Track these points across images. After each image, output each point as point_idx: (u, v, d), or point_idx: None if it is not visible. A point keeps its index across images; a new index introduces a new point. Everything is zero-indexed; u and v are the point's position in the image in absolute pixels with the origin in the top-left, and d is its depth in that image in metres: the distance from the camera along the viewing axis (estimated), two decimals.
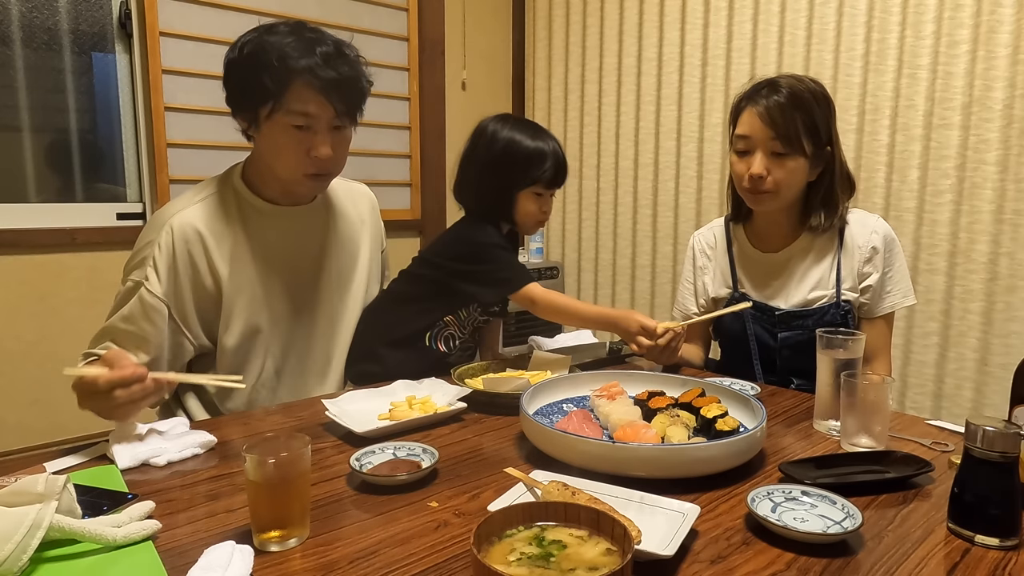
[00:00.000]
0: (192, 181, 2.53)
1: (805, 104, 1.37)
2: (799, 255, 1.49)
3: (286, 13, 2.63)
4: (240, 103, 1.28)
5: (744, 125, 1.41)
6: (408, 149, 3.17)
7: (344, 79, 1.25)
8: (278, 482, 0.75)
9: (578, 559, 0.58)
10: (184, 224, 1.29)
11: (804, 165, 1.40)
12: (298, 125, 1.25)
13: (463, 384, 1.28)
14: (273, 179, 1.35)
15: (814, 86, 1.40)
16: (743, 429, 1.01)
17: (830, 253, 1.47)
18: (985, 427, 0.76)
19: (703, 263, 1.62)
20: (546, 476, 0.86)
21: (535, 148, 1.47)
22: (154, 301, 1.25)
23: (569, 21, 3.24)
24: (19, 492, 0.71)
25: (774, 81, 1.41)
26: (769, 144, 1.38)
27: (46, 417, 2.28)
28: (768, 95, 1.38)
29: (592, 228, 3.27)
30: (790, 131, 1.36)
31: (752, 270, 1.55)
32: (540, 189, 1.49)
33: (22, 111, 2.31)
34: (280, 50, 1.22)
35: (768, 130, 1.37)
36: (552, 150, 1.49)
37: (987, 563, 0.73)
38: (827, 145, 1.42)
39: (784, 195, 1.42)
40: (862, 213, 1.50)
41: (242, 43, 1.26)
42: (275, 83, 1.22)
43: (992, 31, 2.03)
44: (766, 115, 1.37)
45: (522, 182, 1.48)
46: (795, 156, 1.38)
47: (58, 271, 2.31)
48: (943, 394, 2.22)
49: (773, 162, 1.39)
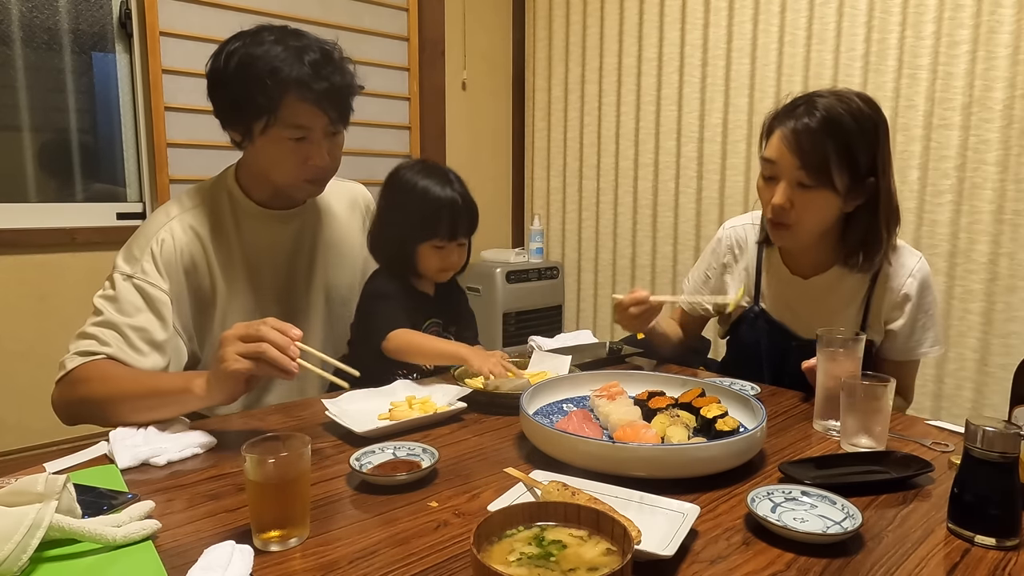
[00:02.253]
0: (192, 181, 2.52)
1: (842, 129, 1.20)
2: (829, 287, 1.36)
3: (286, 13, 2.63)
4: (231, 117, 1.25)
5: (771, 148, 1.26)
6: (408, 149, 3.17)
7: (335, 87, 1.24)
8: (278, 482, 0.75)
9: (578, 559, 0.58)
10: (185, 227, 1.28)
11: (834, 199, 1.24)
12: (295, 138, 1.24)
13: (463, 384, 1.28)
14: (266, 184, 1.34)
15: (859, 107, 1.22)
16: (743, 429, 1.01)
17: (861, 292, 1.35)
18: (985, 427, 0.76)
19: (728, 260, 1.50)
20: (546, 476, 0.86)
21: (432, 198, 1.37)
22: (159, 294, 1.22)
23: (569, 21, 3.24)
24: (19, 492, 0.71)
25: (812, 99, 1.24)
26: (795, 174, 1.22)
27: (46, 417, 2.25)
28: (800, 116, 1.22)
29: (592, 228, 3.27)
30: (818, 161, 1.20)
31: (778, 288, 1.43)
32: (439, 242, 1.39)
33: (22, 111, 2.31)
34: (269, 63, 1.19)
35: (794, 158, 1.21)
36: (450, 200, 1.37)
37: (987, 563, 0.73)
38: (869, 175, 1.24)
39: (805, 231, 1.28)
40: (904, 250, 1.35)
41: (227, 53, 1.22)
42: (268, 99, 1.19)
43: (992, 31, 2.03)
44: (793, 140, 1.21)
45: (419, 234, 1.38)
46: (822, 189, 1.22)
47: (58, 271, 2.31)
48: (943, 394, 2.22)
49: (798, 193, 1.23)
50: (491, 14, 3.38)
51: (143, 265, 1.23)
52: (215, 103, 1.26)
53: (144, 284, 1.22)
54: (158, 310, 1.22)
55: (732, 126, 2.69)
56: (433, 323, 1.46)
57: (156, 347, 1.20)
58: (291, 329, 1.01)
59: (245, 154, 1.33)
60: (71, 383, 1.15)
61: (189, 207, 1.32)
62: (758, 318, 1.45)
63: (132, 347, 1.17)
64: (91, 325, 1.19)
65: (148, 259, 1.24)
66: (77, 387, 1.14)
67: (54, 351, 2.34)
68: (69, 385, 1.15)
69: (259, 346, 0.98)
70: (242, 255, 1.34)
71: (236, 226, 1.34)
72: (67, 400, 1.16)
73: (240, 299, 1.33)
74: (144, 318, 1.20)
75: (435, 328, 1.46)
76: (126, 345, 1.17)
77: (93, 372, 1.14)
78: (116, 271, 1.24)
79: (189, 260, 1.28)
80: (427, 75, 3.17)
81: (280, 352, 0.98)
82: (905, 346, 1.36)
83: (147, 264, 1.23)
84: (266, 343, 0.98)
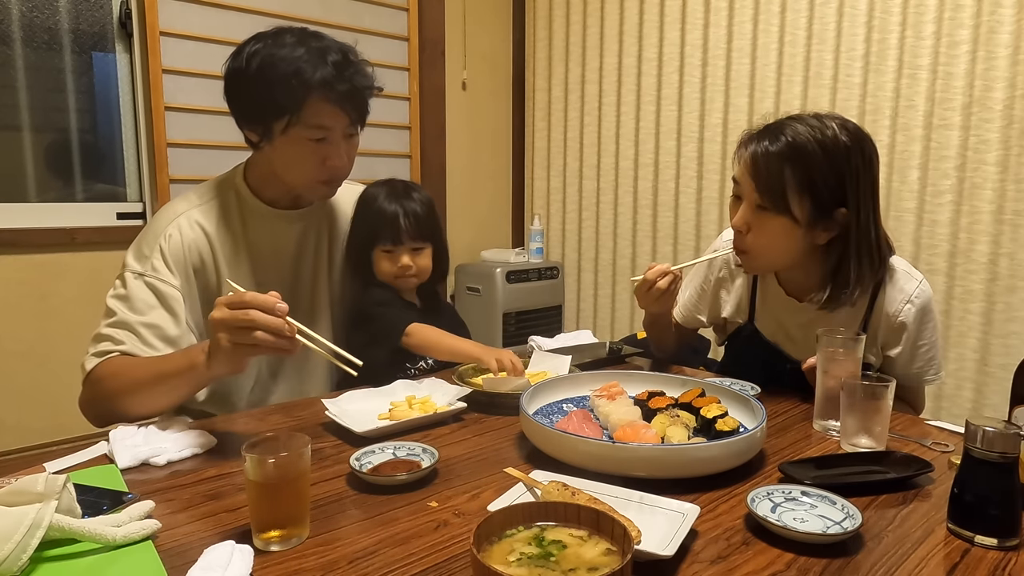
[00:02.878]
0: (192, 181, 2.53)
1: (803, 156, 1.16)
2: (824, 310, 1.28)
3: (286, 13, 2.63)
4: (251, 117, 1.27)
5: (737, 169, 1.25)
6: (408, 149, 3.17)
7: (357, 89, 1.26)
8: (278, 482, 0.75)
9: (578, 559, 0.58)
10: (192, 223, 1.29)
11: (793, 228, 1.19)
12: (315, 138, 1.25)
13: (463, 384, 1.28)
14: (277, 184, 1.35)
15: (833, 135, 1.17)
16: (743, 429, 1.01)
17: (858, 317, 1.30)
18: (985, 427, 0.76)
19: (724, 275, 1.46)
20: (546, 476, 0.86)
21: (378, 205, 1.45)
22: (170, 291, 1.23)
23: (569, 21, 3.24)
24: (19, 492, 0.71)
25: (783, 123, 1.21)
26: (752, 196, 1.21)
27: (46, 417, 2.28)
28: (763, 139, 1.20)
29: (592, 228, 3.27)
30: (773, 186, 1.17)
31: (772, 308, 1.39)
32: (387, 246, 1.45)
33: (22, 111, 2.31)
34: (294, 64, 1.20)
35: (752, 181, 1.20)
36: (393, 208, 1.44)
37: (987, 563, 0.73)
38: (839, 206, 1.19)
39: (763, 257, 1.25)
40: (904, 274, 1.29)
41: (247, 54, 1.23)
42: (291, 99, 1.21)
43: (992, 31, 2.03)
44: (751, 163, 1.20)
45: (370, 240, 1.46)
46: (779, 216, 1.19)
47: (58, 271, 2.31)
48: (943, 394, 2.22)
49: (756, 216, 1.22)
50: (491, 14, 3.38)
51: (153, 263, 1.24)
52: (233, 103, 1.28)
53: (155, 281, 1.23)
54: (170, 306, 1.23)
55: (732, 126, 2.68)
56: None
57: (170, 343, 1.21)
58: (276, 304, 0.96)
59: (257, 154, 1.34)
60: (91, 384, 1.17)
61: (196, 204, 1.32)
62: (752, 337, 1.41)
63: (146, 344, 1.18)
64: (105, 326, 1.20)
65: (158, 256, 1.25)
66: (96, 387, 1.15)
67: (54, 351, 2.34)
68: (90, 386, 1.17)
69: (253, 336, 0.95)
70: (248, 254, 1.34)
71: (243, 224, 1.35)
72: (90, 401, 1.17)
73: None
74: (157, 315, 1.21)
75: None
76: (140, 343, 1.18)
77: (107, 370, 1.15)
78: (127, 269, 1.25)
79: (196, 256, 1.28)
80: (427, 75, 3.17)
81: (276, 335, 0.95)
82: (904, 372, 1.31)
83: (157, 261, 1.24)
84: (259, 330, 0.95)
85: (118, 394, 1.11)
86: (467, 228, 3.41)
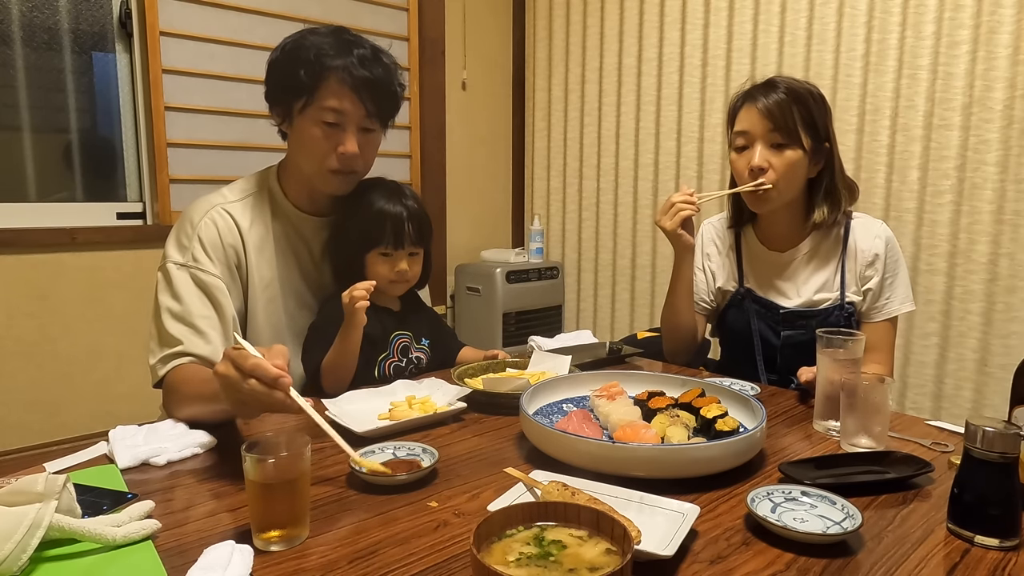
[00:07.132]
0: (192, 181, 2.54)
1: (802, 99, 1.41)
2: (805, 256, 1.52)
3: (286, 13, 2.63)
4: (276, 97, 1.32)
5: (743, 121, 1.45)
6: (408, 149, 3.17)
7: (377, 80, 1.29)
8: (278, 482, 0.75)
9: (578, 559, 0.58)
10: (224, 216, 1.30)
11: (803, 158, 1.42)
12: (328, 121, 1.28)
13: (463, 384, 1.28)
14: (302, 180, 1.36)
15: (810, 86, 1.45)
16: (743, 429, 1.01)
17: (835, 256, 1.50)
18: (985, 427, 0.76)
19: (710, 250, 1.65)
20: (546, 476, 0.86)
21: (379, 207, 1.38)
22: (213, 280, 1.25)
23: (569, 21, 3.24)
24: (19, 492, 0.71)
25: (771, 80, 1.45)
26: (769, 136, 1.41)
27: (46, 417, 2.27)
28: (766, 92, 1.43)
29: (592, 228, 3.27)
30: (788, 123, 1.40)
31: (758, 267, 1.57)
32: (385, 249, 1.38)
33: (22, 111, 2.31)
34: (318, 48, 1.26)
35: (767, 123, 1.41)
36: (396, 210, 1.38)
37: (987, 564, 0.73)
38: (825, 141, 1.45)
39: (784, 190, 1.44)
40: (867, 218, 1.53)
41: (283, 43, 1.31)
42: (310, 78, 1.25)
43: (992, 32, 2.03)
44: (764, 110, 1.41)
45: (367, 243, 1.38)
46: (794, 147, 1.41)
47: (58, 271, 2.31)
48: (943, 395, 2.22)
49: (773, 154, 1.42)
50: (491, 14, 3.38)
51: (194, 252, 1.26)
52: (267, 87, 1.33)
53: (198, 272, 1.25)
54: (214, 296, 1.25)
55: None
56: (400, 336, 1.45)
57: (224, 331, 1.23)
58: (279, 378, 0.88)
59: (287, 149, 1.37)
60: (166, 393, 1.19)
61: (231, 200, 1.34)
62: (744, 298, 1.55)
63: (200, 336, 1.20)
64: (161, 325, 1.22)
65: (197, 245, 1.26)
66: (168, 397, 1.18)
67: (54, 351, 2.34)
68: (166, 395, 1.19)
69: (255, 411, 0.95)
70: (275, 252, 1.36)
71: (273, 223, 1.36)
72: (169, 409, 1.18)
73: (268, 296, 1.34)
74: (205, 304, 1.23)
75: (403, 341, 1.45)
76: (195, 336, 1.20)
77: (172, 381, 1.17)
78: (168, 261, 1.26)
79: (231, 247, 1.30)
80: (427, 75, 3.17)
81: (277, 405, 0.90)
82: (879, 303, 1.48)
83: (197, 251, 1.26)
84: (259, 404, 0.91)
85: (184, 405, 1.11)
86: (467, 228, 3.41)
